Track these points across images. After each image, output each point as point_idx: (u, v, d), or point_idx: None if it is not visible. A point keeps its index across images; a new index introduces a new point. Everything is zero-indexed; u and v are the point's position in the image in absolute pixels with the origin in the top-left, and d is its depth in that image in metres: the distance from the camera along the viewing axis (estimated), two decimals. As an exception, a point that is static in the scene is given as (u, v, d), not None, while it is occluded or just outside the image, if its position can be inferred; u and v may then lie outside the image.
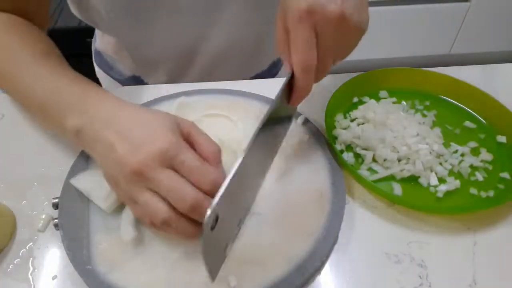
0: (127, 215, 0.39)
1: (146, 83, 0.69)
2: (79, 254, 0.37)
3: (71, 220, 0.39)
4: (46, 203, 0.42)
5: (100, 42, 0.69)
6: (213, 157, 0.35)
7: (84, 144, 0.38)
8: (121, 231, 0.38)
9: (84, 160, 0.45)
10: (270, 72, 0.74)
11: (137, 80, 0.69)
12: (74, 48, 0.72)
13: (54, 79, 0.42)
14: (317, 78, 0.39)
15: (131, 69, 0.68)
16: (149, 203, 0.33)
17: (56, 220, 0.39)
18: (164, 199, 0.33)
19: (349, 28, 0.36)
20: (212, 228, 0.28)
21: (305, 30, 0.35)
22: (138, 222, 0.39)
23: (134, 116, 0.36)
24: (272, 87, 0.57)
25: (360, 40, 0.39)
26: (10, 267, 0.38)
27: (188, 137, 0.36)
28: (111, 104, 0.37)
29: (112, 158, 0.34)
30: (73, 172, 0.43)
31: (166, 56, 0.64)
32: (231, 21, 0.59)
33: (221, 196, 0.29)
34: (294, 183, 0.43)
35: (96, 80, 0.70)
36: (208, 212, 0.27)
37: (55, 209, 0.40)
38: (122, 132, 0.34)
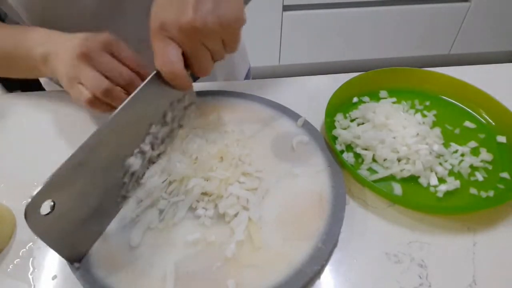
0: (142, 224, 0.39)
1: None
2: None
3: None
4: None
5: None
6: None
7: (51, 67, 0.45)
8: (132, 235, 0.38)
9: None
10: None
11: None
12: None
13: (18, 31, 0.50)
14: (201, 73, 0.40)
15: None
16: (95, 76, 0.41)
17: None
18: (105, 75, 0.41)
19: (212, 29, 0.36)
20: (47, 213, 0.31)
21: (159, 44, 0.37)
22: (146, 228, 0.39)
23: (86, 34, 0.44)
24: (272, 87, 0.58)
25: (239, 30, 0.38)
26: (10, 267, 0.38)
27: None
28: (68, 35, 0.45)
29: (69, 57, 0.42)
30: None
31: None
32: (136, 23, 0.57)
33: (50, 181, 0.31)
34: (294, 186, 0.43)
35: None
36: (34, 194, 0.30)
37: None
38: (78, 40, 0.42)
